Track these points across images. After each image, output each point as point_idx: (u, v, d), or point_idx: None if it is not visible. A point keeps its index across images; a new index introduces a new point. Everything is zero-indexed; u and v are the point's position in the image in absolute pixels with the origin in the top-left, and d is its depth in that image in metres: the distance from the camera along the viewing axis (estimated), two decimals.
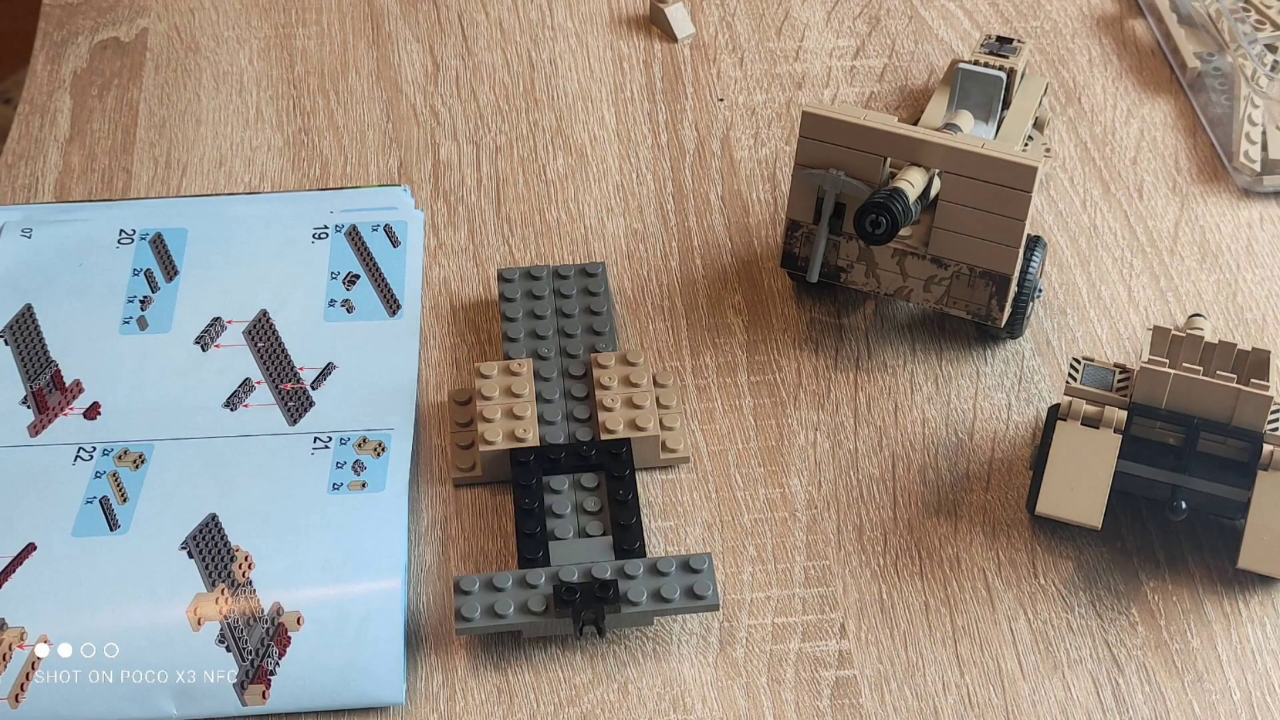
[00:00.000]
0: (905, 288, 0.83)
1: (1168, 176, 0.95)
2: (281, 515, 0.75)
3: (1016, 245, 0.80)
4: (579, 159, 0.96)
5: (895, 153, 0.80)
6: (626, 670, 0.72)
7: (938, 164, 0.79)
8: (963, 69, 0.90)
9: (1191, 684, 0.72)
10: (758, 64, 1.02)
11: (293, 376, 0.82)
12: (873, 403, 0.83)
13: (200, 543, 0.74)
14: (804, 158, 0.82)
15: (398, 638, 0.71)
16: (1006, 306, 0.82)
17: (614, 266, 0.89)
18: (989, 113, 0.90)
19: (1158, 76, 1.01)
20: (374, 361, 0.83)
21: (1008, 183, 0.78)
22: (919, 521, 0.78)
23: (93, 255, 0.87)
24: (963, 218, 0.80)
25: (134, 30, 1.04)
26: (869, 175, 0.81)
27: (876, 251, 0.83)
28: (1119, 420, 0.74)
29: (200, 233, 0.88)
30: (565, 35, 1.04)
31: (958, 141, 0.79)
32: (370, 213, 0.90)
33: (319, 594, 0.72)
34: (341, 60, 1.02)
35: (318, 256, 0.87)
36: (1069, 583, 0.75)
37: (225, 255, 0.87)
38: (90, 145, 0.96)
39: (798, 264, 0.85)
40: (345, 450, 0.78)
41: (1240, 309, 0.87)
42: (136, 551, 0.73)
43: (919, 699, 0.71)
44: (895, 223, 0.77)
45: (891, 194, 0.77)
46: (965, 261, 0.81)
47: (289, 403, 0.80)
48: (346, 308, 0.85)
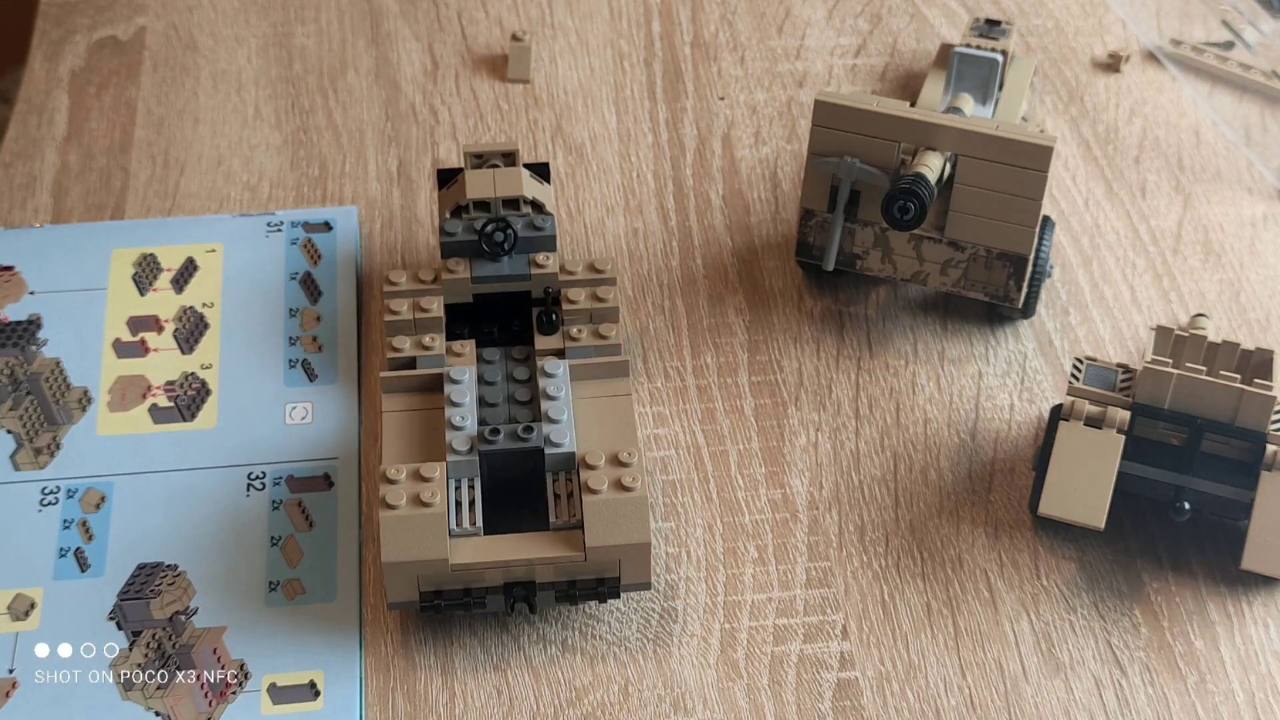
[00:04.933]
0: (922, 272, 0.83)
1: (1170, 176, 0.94)
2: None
3: (1033, 225, 0.80)
4: (579, 158, 0.95)
5: (909, 137, 0.80)
6: (627, 672, 0.72)
7: (952, 147, 0.80)
8: (960, 52, 0.90)
9: (1195, 685, 0.72)
10: (759, 62, 1.01)
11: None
12: (874, 403, 0.82)
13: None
14: (817, 146, 0.82)
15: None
16: (1024, 287, 0.82)
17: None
18: (986, 95, 0.90)
19: (1160, 75, 1.01)
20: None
21: (1023, 163, 0.78)
22: (921, 522, 0.77)
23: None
24: (978, 200, 0.80)
25: (132, 29, 1.03)
26: (883, 161, 0.81)
27: (893, 237, 0.83)
28: (1122, 420, 0.73)
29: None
30: (565, 34, 1.03)
31: (972, 124, 0.79)
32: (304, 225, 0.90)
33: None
34: (340, 59, 1.01)
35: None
36: (1072, 584, 0.75)
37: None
38: (88, 144, 0.95)
39: (813, 253, 0.85)
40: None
41: (1244, 309, 0.87)
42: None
43: (921, 700, 0.71)
44: (923, 207, 0.77)
45: (916, 179, 0.78)
46: (982, 243, 0.81)
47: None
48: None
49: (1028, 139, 0.78)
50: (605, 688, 0.71)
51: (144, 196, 0.92)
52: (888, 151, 0.81)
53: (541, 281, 0.80)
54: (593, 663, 0.72)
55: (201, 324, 0.84)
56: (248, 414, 0.80)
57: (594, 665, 0.72)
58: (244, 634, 0.72)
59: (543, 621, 0.73)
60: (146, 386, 0.81)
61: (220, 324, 0.84)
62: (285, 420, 0.80)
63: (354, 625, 0.72)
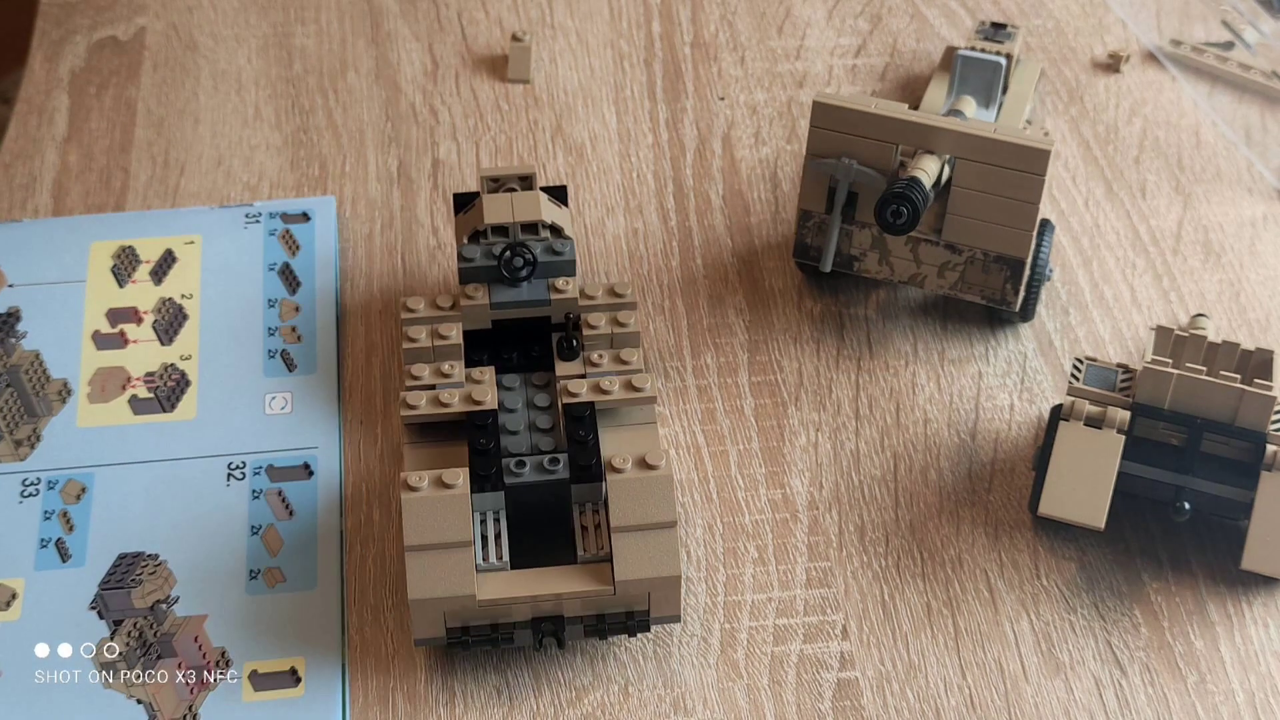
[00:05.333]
0: (919, 274, 0.83)
1: (1170, 176, 0.94)
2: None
3: (1030, 229, 0.80)
4: (579, 158, 0.95)
5: (907, 139, 0.80)
6: (627, 672, 0.72)
7: (949, 149, 0.80)
8: (963, 56, 0.90)
9: (1195, 685, 0.72)
10: (759, 63, 1.01)
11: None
12: (874, 403, 0.82)
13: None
14: (815, 147, 0.82)
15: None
16: (1021, 290, 0.82)
17: (614, 266, 0.89)
18: (989, 98, 0.90)
19: (1160, 75, 1.01)
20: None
21: (1021, 166, 0.78)
22: (921, 522, 0.77)
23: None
24: (976, 203, 0.80)
25: (132, 29, 1.03)
26: (881, 163, 0.81)
27: (890, 239, 0.83)
28: (1122, 420, 0.73)
29: None
30: (565, 34, 1.03)
31: (969, 127, 0.79)
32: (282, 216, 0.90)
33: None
34: (340, 59, 1.01)
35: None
36: (1072, 584, 0.75)
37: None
38: (88, 144, 0.95)
39: (810, 254, 0.85)
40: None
41: (1243, 309, 0.87)
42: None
43: (921, 700, 0.71)
44: (916, 212, 0.77)
45: (910, 183, 0.78)
46: (979, 246, 0.81)
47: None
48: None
49: (1025, 142, 0.78)
50: (605, 687, 0.71)
51: (144, 196, 0.92)
52: (885, 154, 0.81)
53: (562, 307, 0.79)
54: (593, 662, 0.72)
55: (181, 315, 0.84)
56: (227, 404, 0.80)
57: (594, 665, 0.72)
58: (225, 621, 0.72)
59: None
60: (126, 378, 0.81)
61: (199, 315, 0.84)
62: (265, 410, 0.80)
63: (335, 612, 0.72)
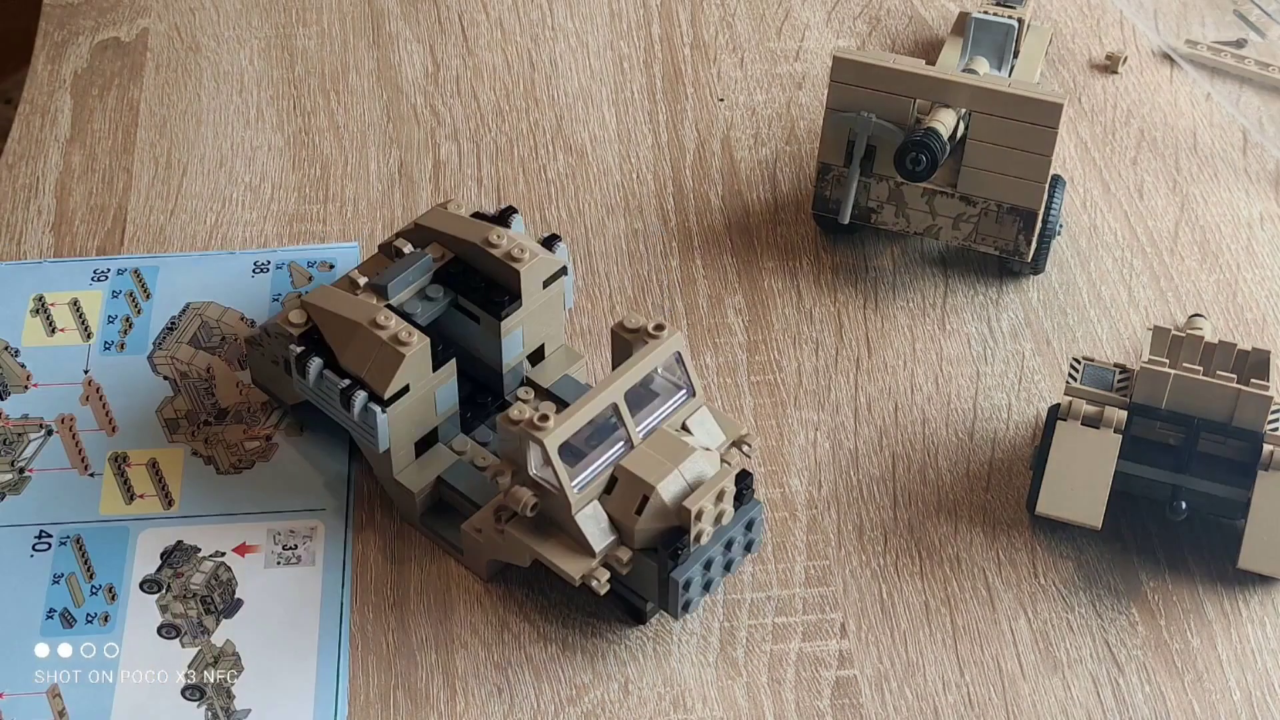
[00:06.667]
0: (934, 226, 0.85)
1: (1168, 177, 0.95)
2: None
3: (1043, 181, 0.82)
4: (579, 159, 0.96)
5: (924, 94, 0.83)
6: (627, 669, 0.72)
7: (965, 103, 0.82)
8: (976, 18, 0.93)
9: (1191, 684, 0.72)
10: (758, 64, 1.02)
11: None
12: (873, 403, 0.83)
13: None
14: (835, 101, 0.84)
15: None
16: (1033, 242, 0.84)
17: (614, 266, 0.89)
18: (1001, 60, 0.93)
19: (1158, 76, 1.01)
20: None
21: (1034, 119, 0.81)
22: (919, 521, 0.78)
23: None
24: (990, 155, 0.82)
25: (134, 30, 1.04)
26: (899, 117, 0.83)
27: (906, 191, 0.85)
28: (1119, 420, 0.74)
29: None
30: (565, 35, 1.04)
31: (985, 81, 0.83)
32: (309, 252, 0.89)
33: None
34: (342, 60, 1.02)
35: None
36: (1069, 582, 0.75)
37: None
38: (91, 145, 0.96)
39: (829, 206, 0.87)
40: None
41: (1240, 309, 0.87)
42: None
43: (919, 699, 0.71)
44: (935, 159, 0.81)
45: (929, 132, 0.81)
46: (993, 198, 0.83)
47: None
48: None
49: (1039, 95, 0.81)
50: (605, 685, 0.71)
51: (146, 197, 0.93)
52: (903, 108, 0.83)
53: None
54: (593, 660, 0.72)
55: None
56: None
57: (594, 663, 0.72)
58: None
59: (543, 620, 0.73)
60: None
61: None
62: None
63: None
